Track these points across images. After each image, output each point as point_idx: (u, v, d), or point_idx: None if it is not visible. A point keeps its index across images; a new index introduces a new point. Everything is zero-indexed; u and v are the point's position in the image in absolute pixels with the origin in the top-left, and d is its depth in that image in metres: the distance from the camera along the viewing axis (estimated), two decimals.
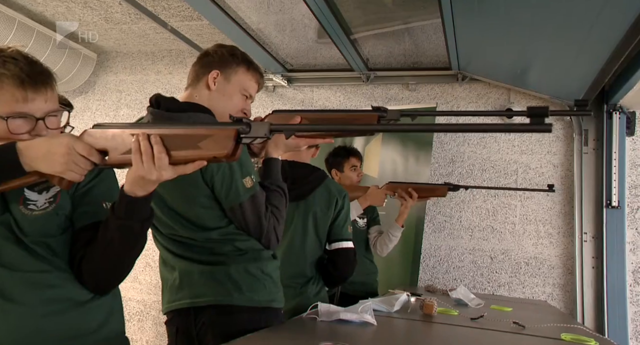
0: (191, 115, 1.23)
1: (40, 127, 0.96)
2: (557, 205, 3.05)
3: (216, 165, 1.22)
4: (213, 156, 0.82)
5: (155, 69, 3.83)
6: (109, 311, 1.06)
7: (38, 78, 0.95)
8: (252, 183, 1.26)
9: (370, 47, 3.14)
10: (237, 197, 1.24)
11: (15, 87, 0.92)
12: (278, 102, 3.61)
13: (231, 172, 1.23)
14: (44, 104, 0.96)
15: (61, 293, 0.98)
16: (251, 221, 1.25)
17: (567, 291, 2.98)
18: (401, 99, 3.41)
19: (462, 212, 3.19)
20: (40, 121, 0.95)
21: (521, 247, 3.07)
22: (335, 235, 1.82)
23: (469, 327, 1.52)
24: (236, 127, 0.82)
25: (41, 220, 0.97)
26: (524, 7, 2.05)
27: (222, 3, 2.57)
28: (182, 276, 1.29)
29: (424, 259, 3.17)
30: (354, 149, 2.55)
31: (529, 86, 3.09)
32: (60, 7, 3.01)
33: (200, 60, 1.40)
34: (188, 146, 0.84)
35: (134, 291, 3.62)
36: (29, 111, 0.94)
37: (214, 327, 1.24)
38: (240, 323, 1.23)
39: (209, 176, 1.23)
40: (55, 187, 0.99)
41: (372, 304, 1.48)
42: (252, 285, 1.26)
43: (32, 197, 0.98)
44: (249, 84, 1.39)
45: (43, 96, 0.95)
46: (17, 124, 0.93)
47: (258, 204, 1.26)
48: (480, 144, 3.22)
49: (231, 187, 1.23)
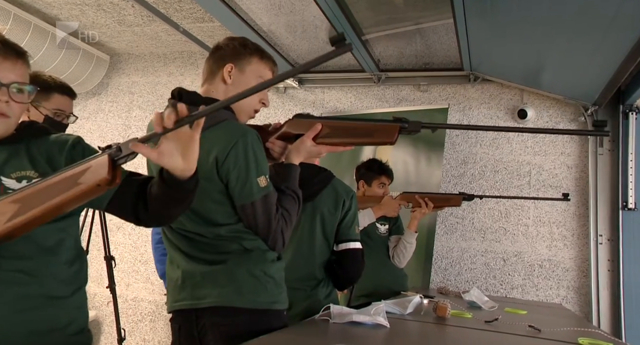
0: None
1: (3, 93, 0.97)
2: (572, 207, 3.01)
3: (233, 162, 1.21)
4: (96, 184, 0.86)
5: (167, 71, 3.85)
6: (80, 306, 1.09)
7: (12, 48, 0.99)
8: (267, 183, 1.25)
9: (382, 48, 3.13)
10: (250, 196, 1.23)
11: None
12: (289, 103, 3.61)
13: (247, 169, 1.23)
14: (8, 72, 0.98)
15: (36, 289, 0.99)
16: (261, 221, 1.25)
17: (582, 294, 2.93)
18: (412, 100, 3.39)
19: (474, 213, 3.16)
20: (4, 88, 0.97)
21: (534, 250, 3.04)
22: (343, 235, 1.80)
23: (483, 330, 1.50)
24: (108, 153, 0.87)
25: None
26: (538, 7, 2.03)
27: (233, 4, 2.58)
28: (185, 276, 1.29)
29: (436, 261, 3.15)
30: (387, 168, 2.52)
31: (542, 87, 3.05)
32: (74, 10, 3.05)
33: (213, 54, 1.39)
34: (68, 187, 0.87)
35: (146, 292, 3.65)
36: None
37: (215, 329, 1.24)
38: (241, 325, 1.23)
39: (225, 172, 1.23)
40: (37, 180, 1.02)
41: (385, 306, 1.47)
42: (253, 286, 1.25)
43: (11, 185, 0.99)
44: (264, 72, 1.38)
45: (9, 65, 0.98)
46: None
47: (270, 204, 1.25)
48: (492, 145, 3.19)
49: (245, 184, 1.23)
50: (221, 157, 1.22)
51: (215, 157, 1.23)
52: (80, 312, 1.09)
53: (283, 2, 2.64)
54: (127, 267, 3.68)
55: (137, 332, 3.65)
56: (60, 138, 1.09)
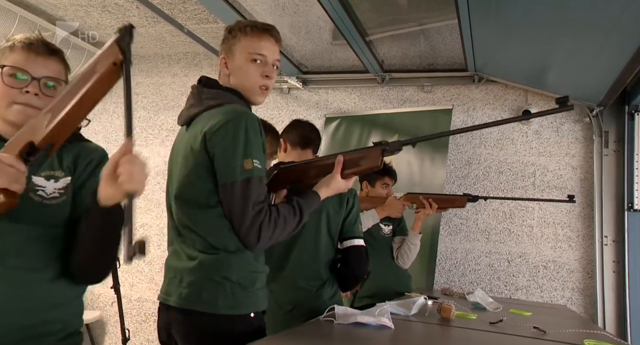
0: (220, 93, 1.31)
1: (34, 86, 1.00)
2: (577, 208, 2.99)
3: (221, 136, 1.20)
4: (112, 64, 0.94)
5: (171, 72, 3.86)
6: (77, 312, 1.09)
7: (46, 46, 1.04)
8: (252, 167, 1.20)
9: (386, 48, 3.13)
10: (232, 175, 1.19)
11: (23, 47, 1.02)
12: (293, 104, 3.61)
13: (234, 147, 1.19)
14: (43, 68, 1.02)
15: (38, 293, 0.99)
16: (237, 204, 1.18)
17: (587, 296, 2.92)
18: (416, 101, 3.39)
19: (478, 214, 3.15)
20: (35, 81, 1.01)
21: (539, 251, 3.03)
22: (347, 233, 1.80)
23: (488, 331, 1.50)
24: (115, 38, 0.94)
25: (51, 210, 1.00)
26: (542, 7, 2.02)
27: (237, 6, 2.58)
28: (167, 268, 1.32)
29: (440, 262, 3.14)
30: (391, 169, 2.52)
31: (547, 87, 3.05)
32: (79, 11, 3.06)
33: (223, 41, 1.40)
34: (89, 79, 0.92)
35: (150, 292, 3.65)
36: (28, 69, 1.01)
37: (178, 327, 1.24)
38: (201, 326, 1.22)
39: (212, 145, 1.21)
40: (65, 179, 1.04)
41: (389, 307, 1.46)
42: (213, 292, 1.21)
43: (40, 183, 1.01)
44: (255, 45, 1.32)
45: (44, 60, 1.03)
46: (13, 79, 1.00)
47: (250, 190, 1.19)
48: (497, 146, 3.19)
49: (229, 162, 1.19)
50: (209, 132, 1.21)
51: (204, 132, 1.22)
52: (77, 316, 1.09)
53: (287, 3, 2.64)
54: (131, 268, 3.69)
55: (141, 333, 3.66)
56: (90, 150, 1.11)
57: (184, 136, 1.34)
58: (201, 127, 1.25)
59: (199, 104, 1.32)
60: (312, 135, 1.85)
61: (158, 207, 3.67)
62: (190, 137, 1.28)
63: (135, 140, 0.93)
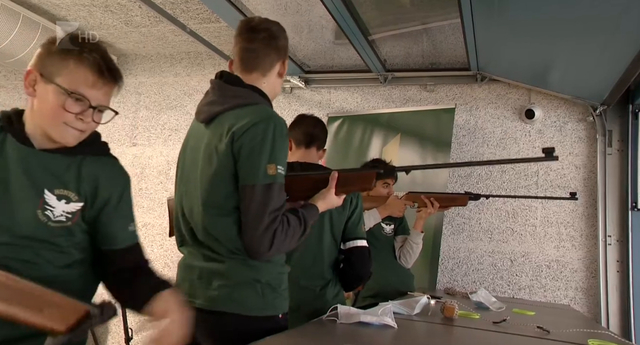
0: (247, 92, 1.28)
1: (88, 114, 0.99)
2: (580, 208, 2.98)
3: (249, 138, 1.19)
4: (50, 327, 0.80)
5: (173, 72, 3.87)
6: None
7: (114, 74, 1.02)
8: (275, 173, 1.18)
9: (388, 47, 3.13)
10: (254, 178, 1.17)
11: (91, 71, 0.98)
12: (295, 103, 3.61)
13: (260, 151, 1.18)
14: (103, 96, 1.01)
15: None
16: (254, 208, 1.16)
17: (590, 295, 2.91)
18: (419, 100, 3.38)
19: (481, 213, 3.15)
20: (91, 109, 0.99)
21: (542, 250, 3.02)
22: (350, 233, 1.80)
23: (491, 331, 1.49)
24: (88, 308, 0.83)
25: (51, 233, 0.98)
26: (546, 6, 2.02)
27: (240, 5, 2.58)
28: (183, 270, 1.30)
29: (443, 261, 3.13)
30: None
31: (550, 86, 3.03)
32: (82, 11, 3.07)
33: (267, 42, 1.34)
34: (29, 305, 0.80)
35: None
36: (89, 96, 0.98)
37: (203, 327, 1.23)
38: (228, 326, 1.22)
39: (238, 147, 1.19)
40: (76, 204, 1.01)
41: (392, 307, 1.46)
42: (244, 293, 1.22)
43: (51, 202, 0.98)
44: None
45: (107, 90, 1.02)
46: (73, 103, 0.97)
47: (270, 197, 1.17)
48: (499, 145, 3.18)
49: (253, 165, 1.18)
50: (238, 132, 1.19)
51: (233, 132, 1.20)
52: None
53: (289, 2, 2.64)
54: None
55: (144, 331, 3.66)
56: (117, 171, 1.09)
57: (204, 134, 1.30)
58: (228, 126, 1.22)
59: (223, 101, 1.28)
60: (315, 131, 1.82)
61: (160, 207, 3.67)
62: (215, 136, 1.25)
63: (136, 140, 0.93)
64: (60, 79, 0.96)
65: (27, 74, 0.98)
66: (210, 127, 1.28)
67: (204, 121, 1.31)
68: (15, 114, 1.03)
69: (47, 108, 0.97)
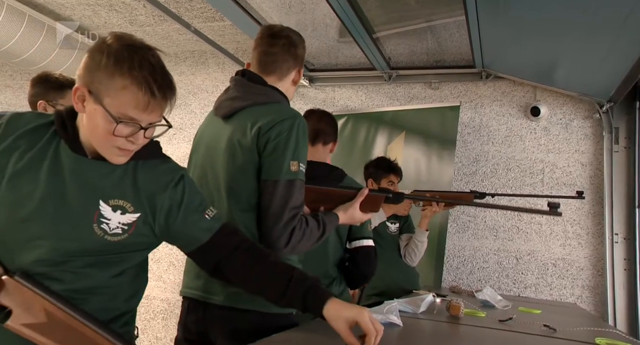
0: (269, 90, 1.31)
1: (139, 136, 0.92)
2: (586, 206, 2.96)
3: (275, 134, 1.20)
4: None
5: (178, 70, 3.87)
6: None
7: (166, 92, 0.91)
8: (298, 170, 1.21)
9: (393, 45, 3.12)
10: (277, 173, 1.19)
11: (142, 92, 0.87)
12: (299, 101, 3.61)
13: (285, 147, 1.20)
14: (155, 117, 0.92)
15: None
16: (276, 203, 1.18)
17: (597, 293, 2.89)
18: (424, 98, 3.37)
19: (486, 211, 3.13)
20: (142, 130, 0.91)
21: (548, 248, 3.00)
22: (356, 233, 1.80)
23: (497, 329, 1.49)
24: None
25: (110, 247, 0.94)
26: (551, 3, 2.00)
27: (244, 4, 2.58)
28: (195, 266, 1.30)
29: (448, 260, 3.12)
30: (396, 166, 2.49)
31: (556, 83, 3.02)
32: (87, 10, 3.08)
33: (287, 48, 1.38)
34: None
35: (158, 290, 3.67)
36: (140, 119, 0.90)
37: (221, 325, 1.24)
38: (248, 324, 1.23)
39: (264, 142, 1.21)
40: (132, 215, 0.96)
41: (398, 305, 1.46)
42: None
43: (107, 214, 0.93)
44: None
45: (161, 110, 0.92)
46: (123, 127, 0.89)
47: (291, 193, 1.19)
48: (505, 142, 3.16)
49: (277, 160, 1.19)
50: (265, 127, 1.21)
51: (259, 127, 1.22)
52: None
53: (294, 0, 2.64)
54: None
55: (149, 330, 3.68)
56: (167, 171, 1.03)
57: (222, 128, 1.31)
58: (252, 121, 1.23)
59: (245, 98, 1.30)
60: (319, 125, 1.81)
61: None
62: (237, 131, 1.26)
63: None
64: (109, 101, 0.87)
65: (75, 90, 0.90)
66: (231, 122, 1.29)
67: (225, 116, 1.32)
68: (69, 116, 0.96)
69: (97, 130, 0.90)
